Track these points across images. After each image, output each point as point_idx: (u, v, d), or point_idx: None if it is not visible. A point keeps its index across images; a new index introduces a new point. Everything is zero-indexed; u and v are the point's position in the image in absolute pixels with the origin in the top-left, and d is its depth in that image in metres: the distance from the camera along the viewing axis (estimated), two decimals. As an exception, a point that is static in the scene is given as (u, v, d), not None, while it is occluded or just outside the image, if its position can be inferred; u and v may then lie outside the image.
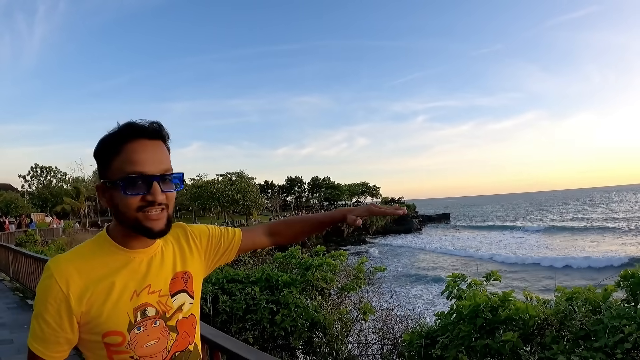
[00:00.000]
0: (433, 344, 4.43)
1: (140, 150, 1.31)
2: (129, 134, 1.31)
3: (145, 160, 1.31)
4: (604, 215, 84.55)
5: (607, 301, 3.75)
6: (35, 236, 23.01)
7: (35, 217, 47.63)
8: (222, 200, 66.72)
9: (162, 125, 1.38)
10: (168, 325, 1.41)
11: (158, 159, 1.34)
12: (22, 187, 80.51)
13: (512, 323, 3.91)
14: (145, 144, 1.32)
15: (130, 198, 1.29)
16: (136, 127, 1.32)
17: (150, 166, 1.31)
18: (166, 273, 1.45)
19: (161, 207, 1.34)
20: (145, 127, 1.33)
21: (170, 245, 1.51)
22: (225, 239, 1.66)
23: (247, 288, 5.60)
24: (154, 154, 1.33)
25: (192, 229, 1.61)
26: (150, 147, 1.33)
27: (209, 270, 1.66)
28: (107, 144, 1.32)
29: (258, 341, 5.29)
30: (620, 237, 50.99)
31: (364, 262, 6.54)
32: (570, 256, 36.53)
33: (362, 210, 1.68)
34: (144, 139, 1.32)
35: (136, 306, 1.34)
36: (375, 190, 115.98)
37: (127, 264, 1.37)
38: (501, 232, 68.51)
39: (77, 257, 1.34)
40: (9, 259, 13.34)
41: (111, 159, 1.31)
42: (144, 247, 1.41)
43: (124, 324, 1.31)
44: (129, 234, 1.37)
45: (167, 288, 1.44)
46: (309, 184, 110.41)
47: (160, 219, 1.34)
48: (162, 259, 1.46)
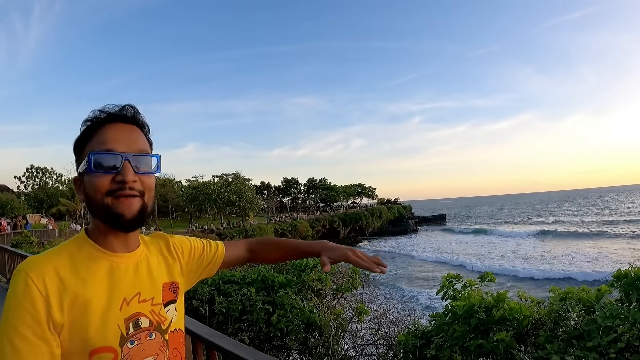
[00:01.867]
0: (428, 345, 4.44)
1: (112, 130, 1.22)
2: (102, 118, 1.23)
3: (116, 138, 1.21)
4: (600, 217, 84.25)
5: (601, 301, 3.78)
6: (31, 237, 22.95)
7: (31, 218, 47.45)
8: (218, 201, 66.56)
9: (137, 110, 1.29)
10: (166, 339, 1.28)
11: (132, 139, 1.24)
12: (18, 188, 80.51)
13: (506, 323, 3.93)
14: (119, 126, 1.24)
15: (99, 178, 1.18)
16: (108, 110, 1.24)
17: (121, 145, 1.21)
18: (156, 281, 1.32)
19: (134, 193, 1.21)
20: (117, 109, 1.25)
21: (154, 255, 1.38)
22: (208, 253, 1.57)
23: (243, 289, 5.61)
24: (127, 135, 1.24)
25: (174, 240, 1.49)
26: (123, 129, 1.24)
27: (190, 284, 1.54)
28: (81, 134, 1.24)
29: (254, 342, 5.29)
30: (615, 242, 50.27)
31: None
32: (568, 270, 34.48)
33: (339, 254, 1.58)
34: (118, 123, 1.24)
35: (127, 316, 1.18)
36: (372, 191, 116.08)
37: (112, 269, 1.21)
38: (497, 238, 67.06)
39: (54, 258, 1.16)
40: (5, 260, 13.30)
41: (84, 146, 1.23)
42: (128, 252, 1.28)
43: (115, 338, 1.14)
44: (108, 233, 1.23)
45: (160, 297, 1.31)
46: (305, 185, 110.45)
47: (132, 204, 1.20)
48: (149, 267, 1.32)
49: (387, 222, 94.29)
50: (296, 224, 69.24)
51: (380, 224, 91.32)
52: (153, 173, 1.27)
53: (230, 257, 1.63)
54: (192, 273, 1.52)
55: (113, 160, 1.19)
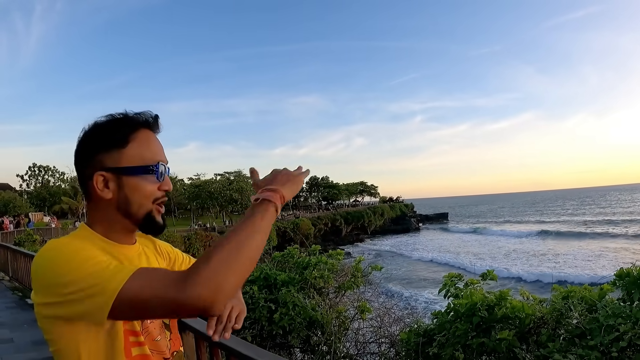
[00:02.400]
0: (430, 343, 4.45)
1: (154, 140, 1.28)
2: (141, 123, 1.26)
3: (160, 150, 1.29)
4: (601, 217, 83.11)
5: (603, 300, 3.78)
6: (34, 235, 23.01)
7: (33, 216, 47.58)
8: (220, 199, 66.59)
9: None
10: (163, 322, 1.36)
11: (164, 151, 1.32)
12: (20, 186, 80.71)
13: (508, 321, 3.94)
14: (154, 136, 1.30)
15: (152, 185, 1.24)
16: (142, 117, 1.27)
17: (163, 155, 1.30)
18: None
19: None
20: (155, 121, 1.29)
21: (146, 248, 1.45)
22: (182, 266, 1.58)
23: (246, 287, 5.61)
24: (161, 147, 1.31)
25: (158, 242, 1.55)
26: (157, 139, 1.31)
27: None
28: (117, 130, 1.23)
29: (256, 340, 5.30)
30: (617, 242, 49.26)
31: (362, 260, 6.57)
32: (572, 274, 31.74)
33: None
34: (150, 131, 1.29)
35: None
36: (374, 190, 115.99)
37: (122, 259, 1.24)
38: (498, 237, 65.57)
39: (80, 241, 1.17)
40: (7, 259, 13.33)
41: (125, 144, 1.22)
42: (130, 243, 1.34)
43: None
44: (120, 229, 1.28)
45: None
46: (308, 184, 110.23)
47: (162, 213, 1.32)
48: (148, 257, 1.40)
49: (389, 220, 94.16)
50: (298, 222, 69.13)
51: (382, 222, 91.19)
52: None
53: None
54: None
55: (164, 171, 1.29)
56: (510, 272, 35.20)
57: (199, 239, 51.27)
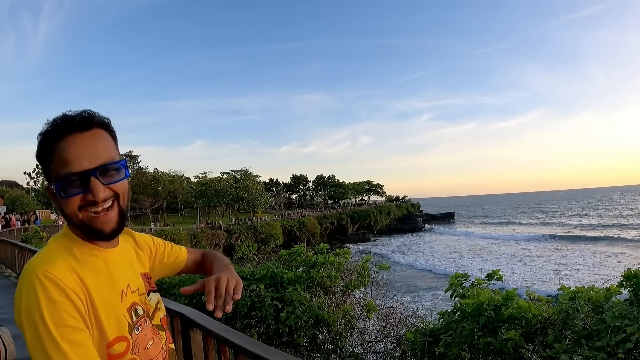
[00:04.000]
0: (436, 342, 4.46)
1: (72, 145, 1.17)
2: (58, 130, 1.18)
3: (78, 155, 1.16)
4: (612, 220, 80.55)
5: (610, 301, 3.77)
6: (41, 233, 23.13)
7: (40, 214, 47.87)
8: (226, 198, 66.72)
9: (94, 112, 1.23)
10: (154, 324, 1.36)
11: (93, 151, 1.19)
12: (28, 184, 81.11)
13: (515, 322, 3.93)
14: (78, 138, 1.18)
15: (69, 200, 1.17)
16: (64, 121, 1.19)
17: (84, 161, 1.16)
18: (137, 271, 1.40)
19: (107, 204, 1.21)
20: (73, 118, 1.19)
21: (128, 246, 1.44)
22: (170, 254, 1.63)
23: (252, 285, 5.64)
24: (88, 147, 1.18)
25: (138, 236, 1.53)
26: (83, 140, 1.18)
27: (155, 279, 1.56)
28: (40, 146, 1.20)
29: (262, 338, 5.32)
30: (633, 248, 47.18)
31: (369, 260, 6.57)
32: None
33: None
34: (76, 133, 1.18)
35: (128, 306, 1.26)
36: (380, 189, 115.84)
37: (106, 263, 1.26)
38: (507, 242, 62.11)
39: (63, 256, 1.17)
40: (15, 256, 13.44)
41: (48, 160, 1.18)
42: (112, 246, 1.31)
43: (125, 327, 1.22)
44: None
45: (143, 286, 1.38)
46: (314, 182, 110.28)
47: (110, 218, 1.22)
48: (130, 260, 1.40)
49: (396, 219, 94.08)
50: (304, 220, 69.26)
51: (388, 221, 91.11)
52: (123, 179, 1.25)
53: (191, 261, 1.70)
54: (155, 268, 1.57)
55: (79, 182, 1.17)
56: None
57: (205, 237, 51.48)
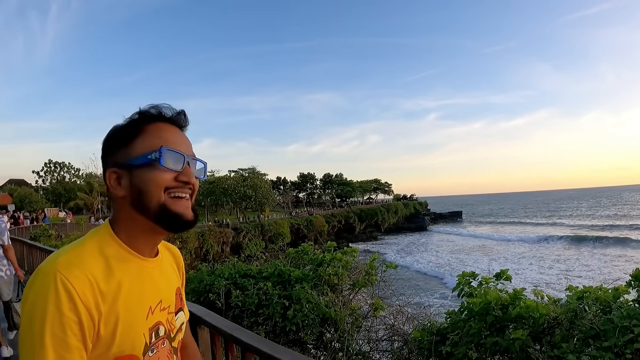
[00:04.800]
0: (443, 341, 4.46)
1: (170, 131, 1.21)
2: (155, 116, 1.20)
3: (177, 140, 1.20)
4: (621, 220, 77.97)
5: (618, 301, 3.76)
6: (49, 230, 23.31)
7: (49, 212, 48.27)
8: (234, 196, 66.85)
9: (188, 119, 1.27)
10: (173, 347, 1.27)
11: (188, 144, 1.24)
12: (36, 182, 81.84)
13: (522, 321, 3.93)
14: (176, 130, 1.23)
15: (163, 173, 1.14)
16: (165, 111, 1.21)
17: (182, 147, 1.20)
18: (171, 287, 1.31)
19: (188, 194, 1.21)
20: (177, 114, 1.23)
21: (167, 255, 1.38)
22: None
23: (260, 283, 5.66)
24: (184, 139, 1.24)
25: (178, 254, 1.48)
26: (179, 132, 1.23)
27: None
28: (127, 125, 1.19)
29: (270, 336, 5.34)
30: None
31: (376, 258, 6.57)
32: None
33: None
34: (171, 125, 1.22)
35: (151, 325, 1.17)
36: (388, 187, 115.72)
37: (141, 274, 1.18)
38: (515, 242, 59.49)
39: (89, 260, 1.07)
40: (24, 253, 13.54)
41: (133, 138, 1.17)
42: (152, 255, 1.25)
43: (140, 347, 1.12)
44: (141, 235, 1.20)
45: (174, 305, 1.30)
46: (321, 181, 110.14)
47: (189, 207, 1.20)
48: (167, 273, 1.31)
49: (403, 218, 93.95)
50: (312, 219, 69.27)
51: (396, 220, 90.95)
52: (202, 178, 1.26)
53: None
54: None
55: (179, 160, 1.18)
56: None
57: (212, 235, 51.57)
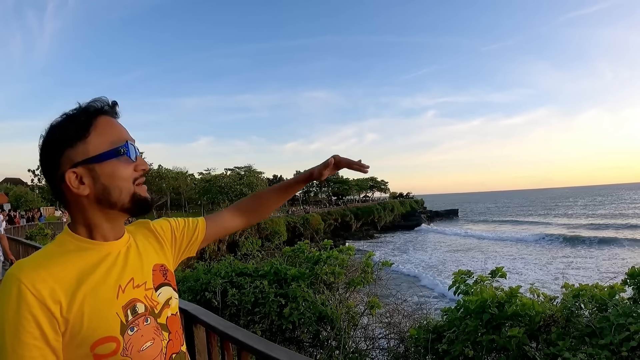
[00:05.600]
0: (439, 339, 4.46)
1: (114, 123, 1.25)
2: (97, 110, 1.22)
3: (125, 132, 1.26)
4: (617, 219, 74.36)
5: (614, 299, 3.77)
6: (45, 230, 23.20)
7: (45, 211, 48.12)
8: (230, 194, 66.74)
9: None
10: (159, 323, 1.27)
11: (127, 131, 1.28)
12: (32, 181, 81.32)
13: (519, 319, 3.93)
14: (115, 120, 1.26)
15: (129, 166, 1.22)
16: (102, 105, 1.23)
17: (130, 137, 1.26)
18: (146, 264, 1.32)
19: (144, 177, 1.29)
20: (112, 107, 1.26)
21: (141, 240, 1.39)
22: (189, 230, 1.55)
23: (256, 281, 5.65)
24: (123, 128, 1.27)
25: (154, 223, 1.50)
26: (119, 123, 1.27)
27: (175, 264, 1.53)
28: (74, 122, 1.18)
29: (266, 334, 5.34)
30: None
31: (372, 256, 6.57)
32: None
33: (327, 162, 1.64)
34: (112, 116, 1.26)
35: (124, 303, 1.17)
36: (384, 185, 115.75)
37: (103, 259, 1.20)
38: (512, 242, 55.26)
39: (45, 260, 1.13)
40: (19, 253, 13.49)
41: (87, 133, 1.18)
42: (117, 238, 1.27)
43: (116, 327, 1.13)
44: (103, 222, 1.23)
45: (151, 281, 1.30)
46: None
47: (146, 189, 1.29)
48: (138, 250, 1.33)
49: (399, 216, 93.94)
50: (308, 217, 69.17)
51: (392, 218, 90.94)
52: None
53: (213, 229, 1.62)
54: (176, 253, 1.52)
55: (134, 151, 1.24)
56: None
57: (209, 233, 51.40)
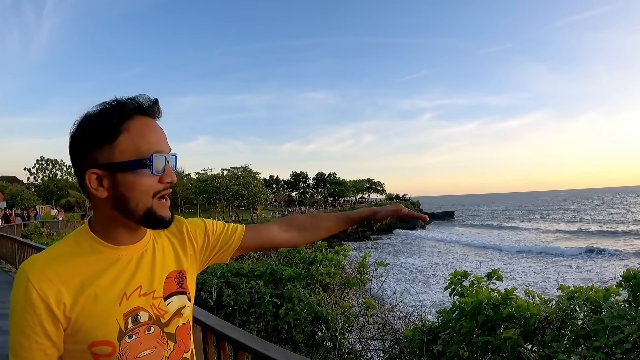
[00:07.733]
0: (434, 340, 4.47)
1: (151, 126, 1.16)
2: (134, 110, 1.14)
3: (159, 138, 1.17)
4: (611, 225, 69.31)
5: (609, 301, 3.78)
6: (41, 228, 23.16)
7: (40, 209, 48.00)
8: (226, 194, 66.79)
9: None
10: (166, 332, 1.25)
11: (164, 135, 1.20)
12: (28, 179, 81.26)
13: (514, 321, 3.95)
14: (152, 122, 1.18)
15: (151, 179, 1.13)
16: (142, 104, 1.15)
17: (164, 144, 1.18)
18: (159, 272, 1.27)
19: (170, 190, 1.21)
20: (152, 105, 1.17)
21: (164, 239, 1.33)
22: (225, 236, 1.46)
23: (252, 282, 5.65)
24: (161, 131, 1.19)
25: (188, 223, 1.41)
26: (157, 126, 1.19)
27: (201, 268, 1.46)
28: (106, 121, 1.11)
29: (262, 334, 5.34)
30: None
31: (367, 257, 6.58)
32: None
33: (390, 210, 1.65)
34: (149, 118, 1.17)
35: (126, 311, 1.16)
36: (380, 187, 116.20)
37: (113, 264, 1.18)
38: (508, 245, 50.17)
39: (55, 260, 1.13)
40: (15, 251, 13.46)
41: (116, 136, 1.11)
42: (133, 243, 1.23)
43: (113, 333, 1.13)
44: (120, 227, 1.19)
45: (161, 289, 1.25)
46: (314, 180, 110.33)
47: (168, 206, 1.21)
48: (154, 256, 1.27)
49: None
50: (304, 218, 69.10)
51: (387, 219, 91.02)
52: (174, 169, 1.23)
53: (251, 240, 1.51)
54: (204, 257, 1.44)
55: (163, 162, 1.16)
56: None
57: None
